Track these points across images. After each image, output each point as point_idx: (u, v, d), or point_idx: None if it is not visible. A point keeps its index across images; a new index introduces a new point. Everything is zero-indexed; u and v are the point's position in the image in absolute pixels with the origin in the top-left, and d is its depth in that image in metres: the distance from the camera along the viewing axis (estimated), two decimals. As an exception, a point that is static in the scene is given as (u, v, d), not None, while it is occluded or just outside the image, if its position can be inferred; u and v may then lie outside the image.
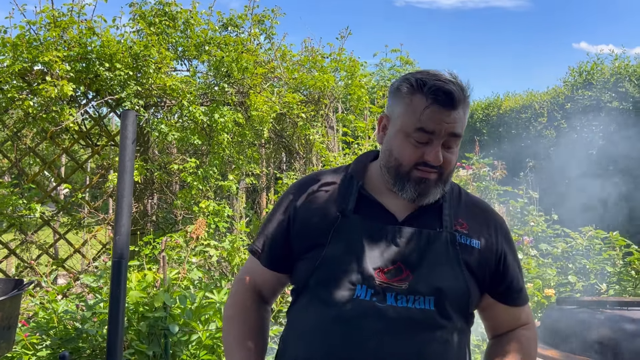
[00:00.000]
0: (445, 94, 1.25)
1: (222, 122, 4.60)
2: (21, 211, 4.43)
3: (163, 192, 5.23)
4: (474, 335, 3.84)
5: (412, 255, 1.28)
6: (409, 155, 1.29)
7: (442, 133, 1.27)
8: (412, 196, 1.31)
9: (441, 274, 1.28)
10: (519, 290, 1.41)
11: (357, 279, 1.27)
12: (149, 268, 3.61)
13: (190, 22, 5.06)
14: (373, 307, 1.24)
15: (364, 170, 1.43)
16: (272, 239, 1.43)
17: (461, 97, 1.28)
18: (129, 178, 2.63)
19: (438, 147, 1.27)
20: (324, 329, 1.26)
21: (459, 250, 1.31)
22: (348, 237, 1.31)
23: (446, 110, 1.26)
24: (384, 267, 1.27)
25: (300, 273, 1.37)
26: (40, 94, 4.14)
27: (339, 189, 1.40)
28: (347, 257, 1.29)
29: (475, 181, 7.19)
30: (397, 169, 1.31)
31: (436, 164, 1.28)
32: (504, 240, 1.41)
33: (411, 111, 1.28)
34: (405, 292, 1.25)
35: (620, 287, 3.68)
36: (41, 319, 3.36)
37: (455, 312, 1.29)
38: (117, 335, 2.48)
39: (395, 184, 1.33)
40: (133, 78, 4.53)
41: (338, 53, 5.76)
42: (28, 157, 5.15)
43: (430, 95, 1.26)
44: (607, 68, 10.31)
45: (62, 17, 4.53)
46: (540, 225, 5.51)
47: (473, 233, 1.36)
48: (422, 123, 1.27)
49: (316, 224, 1.35)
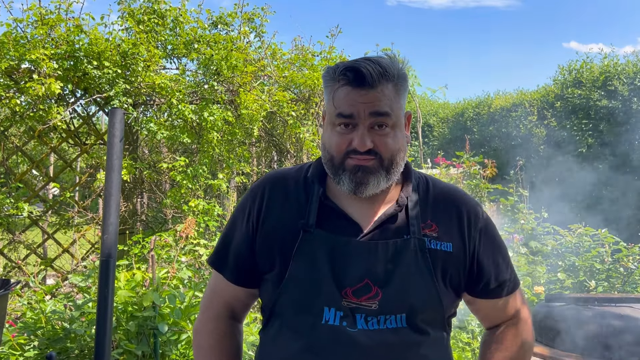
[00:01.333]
0: (355, 72, 1.18)
1: (211, 120, 4.57)
2: (9, 210, 4.39)
3: (153, 191, 5.21)
4: (464, 333, 3.85)
5: (380, 269, 1.20)
6: (337, 145, 1.21)
7: (363, 115, 1.18)
8: (349, 187, 1.22)
9: (411, 287, 1.21)
10: (500, 284, 1.32)
11: (325, 301, 1.20)
12: (138, 267, 3.59)
13: (179, 20, 5.03)
14: (344, 333, 1.17)
15: (325, 173, 1.31)
16: (236, 252, 1.33)
17: (377, 75, 1.18)
18: (117, 176, 2.61)
19: (362, 131, 1.19)
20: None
21: (428, 257, 1.23)
22: (311, 256, 1.22)
23: (360, 90, 1.18)
24: (351, 286, 1.19)
25: (266, 294, 1.30)
26: (28, 93, 4.10)
27: (300, 195, 1.30)
28: (312, 277, 1.21)
29: (465, 179, 7.22)
30: (331, 161, 1.23)
31: (362, 149, 1.18)
32: (477, 234, 1.31)
33: (330, 98, 1.23)
34: (376, 312, 1.19)
35: (609, 284, 3.70)
36: (29, 319, 3.34)
37: (430, 324, 1.23)
38: (105, 335, 2.47)
39: (334, 178, 1.25)
40: (122, 76, 4.50)
41: (328, 51, 5.75)
42: (16, 156, 5.11)
43: (340, 76, 1.20)
44: (596, 67, 10.39)
45: (49, 15, 4.49)
46: (530, 223, 5.54)
47: (443, 235, 1.27)
48: (338, 107, 1.20)
49: (278, 240, 1.26)
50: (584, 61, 10.71)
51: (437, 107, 14.07)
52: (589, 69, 10.44)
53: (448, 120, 13.29)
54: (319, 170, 1.32)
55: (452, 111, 13.42)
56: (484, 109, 12.32)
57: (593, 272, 3.84)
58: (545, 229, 5.18)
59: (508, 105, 11.63)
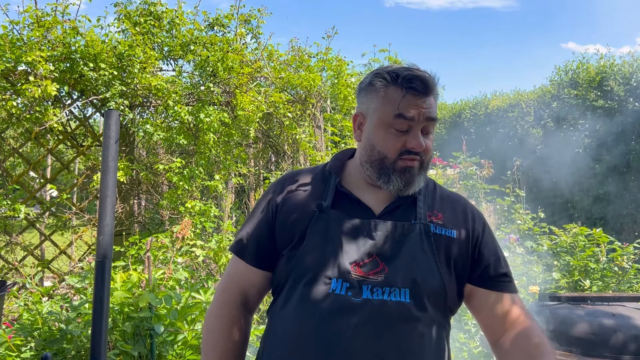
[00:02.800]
0: (420, 81, 1.31)
1: (207, 121, 4.58)
2: (6, 212, 4.39)
3: (149, 193, 5.21)
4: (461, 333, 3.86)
5: (388, 248, 1.30)
6: (393, 146, 1.32)
7: (421, 118, 1.31)
8: (399, 186, 1.33)
9: (416, 265, 1.30)
10: (499, 275, 1.38)
11: (333, 273, 1.28)
12: (134, 268, 3.59)
13: (175, 21, 5.03)
14: (348, 301, 1.25)
15: (342, 167, 1.46)
16: (257, 237, 1.43)
17: (433, 84, 1.33)
18: (112, 178, 2.62)
19: (419, 133, 1.32)
20: (299, 327, 1.27)
21: (433, 240, 1.33)
22: (325, 232, 1.32)
23: (422, 96, 1.31)
24: (360, 261, 1.29)
25: (279, 271, 1.38)
26: (24, 94, 4.11)
27: (317, 185, 1.42)
28: (324, 252, 1.31)
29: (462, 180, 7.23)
30: (381, 162, 1.34)
31: (420, 150, 1.32)
32: (481, 228, 1.42)
33: (388, 102, 1.32)
34: (381, 284, 1.26)
35: (604, 283, 3.71)
36: (25, 321, 3.33)
37: (431, 304, 1.29)
38: (101, 336, 2.47)
39: (379, 177, 1.35)
40: (118, 78, 4.51)
41: (325, 53, 5.77)
42: (12, 158, 5.11)
43: (405, 84, 1.31)
44: (592, 67, 10.42)
45: (45, 17, 4.50)
46: (526, 224, 5.56)
47: (448, 223, 1.38)
48: (401, 110, 1.30)
49: (294, 220, 1.37)
50: (580, 62, 10.74)
51: (434, 108, 14.08)
52: (585, 69, 10.47)
53: (445, 120, 13.32)
54: (336, 164, 1.46)
55: (450, 112, 13.45)
56: (481, 109, 12.34)
57: (588, 272, 3.85)
58: (542, 229, 5.19)
59: (505, 105, 11.65)
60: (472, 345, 3.78)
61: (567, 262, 3.98)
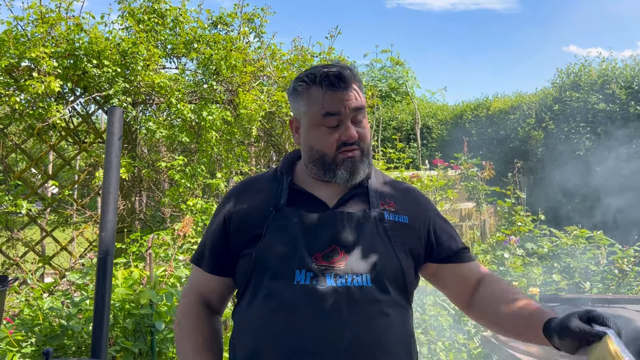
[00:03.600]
0: (336, 77, 1.38)
1: (210, 120, 4.59)
2: (7, 208, 4.40)
3: (151, 190, 5.22)
4: (461, 334, 3.87)
5: (346, 237, 1.36)
6: (329, 142, 1.39)
7: (347, 111, 1.38)
8: (344, 177, 1.40)
9: (374, 251, 1.36)
10: (462, 249, 1.51)
11: (296, 265, 1.32)
12: (135, 265, 3.60)
13: (179, 19, 5.04)
14: (314, 289, 1.29)
15: (292, 167, 1.53)
16: (211, 245, 1.49)
17: (350, 75, 1.39)
18: (115, 174, 2.63)
19: (349, 124, 1.38)
20: (268, 320, 1.30)
21: (387, 227, 1.40)
22: (283, 228, 1.37)
23: (342, 90, 1.38)
24: (321, 251, 1.34)
25: (241, 271, 1.42)
26: (27, 90, 4.12)
27: (270, 187, 1.48)
28: (284, 246, 1.35)
29: (463, 181, 7.25)
30: (323, 159, 1.41)
31: (353, 140, 1.38)
32: (432, 214, 1.52)
33: (313, 103, 1.40)
34: (343, 271, 1.32)
35: (604, 286, 3.72)
36: (26, 316, 3.34)
37: (392, 286, 1.36)
38: (102, 332, 2.48)
39: (325, 173, 1.42)
40: (121, 75, 4.52)
41: (327, 52, 5.77)
42: (15, 153, 5.11)
43: (323, 82, 1.38)
44: (594, 70, 10.41)
45: (49, 14, 4.51)
46: (527, 225, 5.57)
47: (400, 210, 1.46)
48: (326, 108, 1.38)
49: (251, 221, 1.42)
50: (582, 64, 10.73)
51: (436, 109, 14.09)
52: (587, 72, 10.46)
53: (446, 122, 13.31)
54: (286, 164, 1.53)
55: (451, 113, 13.44)
56: (482, 111, 12.34)
57: (588, 274, 3.86)
58: (542, 231, 5.20)
59: (506, 107, 11.65)
60: (472, 346, 3.79)
61: (567, 264, 3.98)
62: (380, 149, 6.01)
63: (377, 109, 6.75)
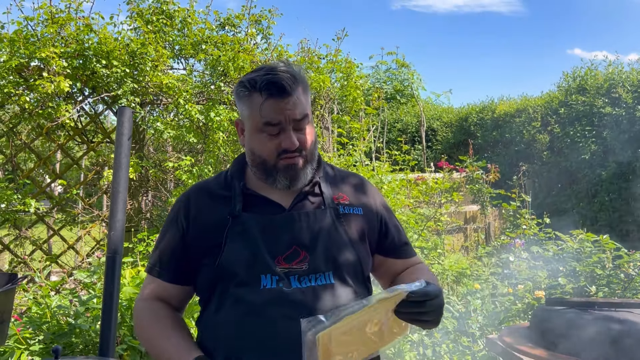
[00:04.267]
0: (276, 86, 1.34)
1: (217, 120, 4.61)
2: (16, 206, 4.43)
3: (158, 190, 5.24)
4: (465, 337, 3.87)
5: (305, 236, 1.38)
6: (269, 149, 1.38)
7: (287, 120, 1.36)
8: (285, 184, 1.41)
9: (334, 247, 1.39)
10: (404, 244, 1.57)
11: (260, 270, 1.33)
12: (142, 265, 3.62)
13: (187, 20, 5.07)
14: (280, 292, 1.31)
15: (243, 171, 1.51)
16: (170, 254, 1.46)
17: (292, 83, 1.36)
18: (124, 174, 2.64)
19: (289, 133, 1.37)
20: (237, 326, 1.31)
21: (343, 220, 1.43)
22: (242, 235, 1.37)
23: (282, 100, 1.35)
24: (282, 254, 1.35)
25: (203, 280, 1.41)
26: (37, 90, 4.15)
27: (223, 193, 1.47)
28: (246, 253, 1.35)
29: (468, 184, 7.25)
30: (263, 164, 1.41)
31: (292, 148, 1.37)
32: (382, 205, 1.57)
33: (254, 109, 1.38)
34: (306, 272, 1.35)
35: (610, 290, 3.71)
36: (34, 314, 3.37)
37: (352, 278, 1.41)
38: (110, 330, 2.49)
39: (267, 178, 1.42)
40: (130, 75, 4.54)
41: (334, 54, 5.79)
42: (23, 152, 5.15)
43: (263, 90, 1.35)
44: (600, 74, 10.40)
45: (59, 14, 4.54)
46: (532, 229, 5.56)
47: (354, 201, 1.49)
48: (265, 117, 1.36)
49: (209, 229, 1.40)
50: (588, 68, 10.72)
51: (441, 112, 14.10)
52: (593, 76, 10.45)
53: (452, 124, 13.31)
54: (237, 168, 1.51)
55: (456, 116, 13.44)
56: (487, 114, 12.34)
57: (594, 278, 3.85)
58: (547, 234, 5.19)
59: (512, 111, 11.64)
60: (476, 349, 3.79)
61: (573, 267, 3.98)
62: (386, 150, 6.01)
63: (382, 111, 6.75)
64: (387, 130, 10.55)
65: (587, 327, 2.10)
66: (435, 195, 6.28)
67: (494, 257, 5.54)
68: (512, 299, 3.97)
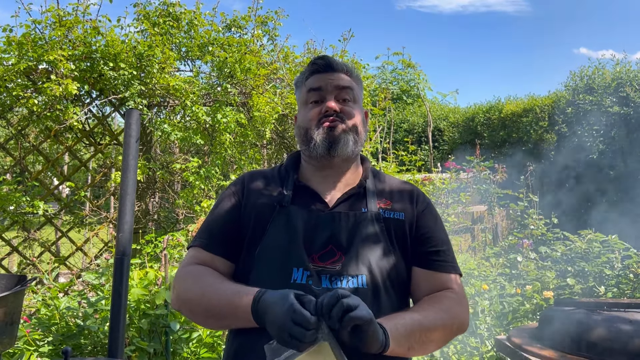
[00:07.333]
0: (321, 59, 1.50)
1: (224, 122, 4.62)
2: (24, 209, 4.46)
3: (165, 192, 5.26)
4: (473, 337, 3.86)
5: (343, 237, 1.38)
6: (311, 116, 1.46)
7: (329, 87, 1.47)
8: (324, 147, 1.43)
9: (370, 252, 1.38)
10: (438, 254, 1.45)
11: (294, 263, 1.34)
12: (150, 266, 3.63)
13: (193, 22, 5.09)
14: (309, 290, 1.30)
15: (297, 164, 1.57)
16: (222, 224, 1.46)
17: (339, 64, 1.50)
18: (133, 176, 2.66)
19: (331, 98, 1.46)
20: None
21: (383, 224, 1.42)
22: (286, 226, 1.40)
23: (326, 72, 1.49)
24: (318, 252, 1.36)
25: (241, 264, 1.43)
26: (45, 93, 4.17)
27: (275, 183, 1.51)
28: (284, 244, 1.37)
29: (475, 184, 7.22)
30: (307, 133, 1.47)
31: (333, 109, 1.43)
32: (422, 207, 1.51)
33: (303, 86, 1.52)
34: (339, 273, 1.34)
35: (619, 290, 3.69)
36: (43, 316, 3.39)
37: (387, 284, 1.38)
38: (119, 332, 2.51)
39: (308, 146, 1.46)
40: (137, 78, 4.56)
41: (340, 55, 5.79)
42: (32, 155, 5.18)
43: (309, 67, 1.51)
44: (608, 73, 10.33)
45: (67, 17, 4.56)
46: (540, 229, 5.53)
47: (397, 207, 1.48)
48: (309, 85, 1.49)
49: (256, 216, 1.44)
50: (596, 67, 10.66)
51: (448, 112, 14.05)
52: (601, 75, 10.38)
53: (458, 124, 13.27)
54: (292, 161, 1.57)
55: (463, 116, 13.40)
56: (494, 114, 12.29)
57: (602, 278, 3.83)
58: (555, 234, 5.17)
59: (519, 110, 11.59)
60: (484, 350, 3.78)
61: (581, 268, 3.96)
62: (392, 151, 6.01)
63: (388, 112, 6.75)
64: (393, 131, 10.53)
65: (597, 328, 2.08)
66: (442, 196, 6.26)
67: (501, 257, 5.51)
68: (520, 299, 3.95)
